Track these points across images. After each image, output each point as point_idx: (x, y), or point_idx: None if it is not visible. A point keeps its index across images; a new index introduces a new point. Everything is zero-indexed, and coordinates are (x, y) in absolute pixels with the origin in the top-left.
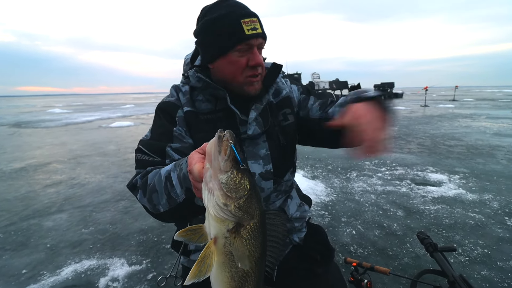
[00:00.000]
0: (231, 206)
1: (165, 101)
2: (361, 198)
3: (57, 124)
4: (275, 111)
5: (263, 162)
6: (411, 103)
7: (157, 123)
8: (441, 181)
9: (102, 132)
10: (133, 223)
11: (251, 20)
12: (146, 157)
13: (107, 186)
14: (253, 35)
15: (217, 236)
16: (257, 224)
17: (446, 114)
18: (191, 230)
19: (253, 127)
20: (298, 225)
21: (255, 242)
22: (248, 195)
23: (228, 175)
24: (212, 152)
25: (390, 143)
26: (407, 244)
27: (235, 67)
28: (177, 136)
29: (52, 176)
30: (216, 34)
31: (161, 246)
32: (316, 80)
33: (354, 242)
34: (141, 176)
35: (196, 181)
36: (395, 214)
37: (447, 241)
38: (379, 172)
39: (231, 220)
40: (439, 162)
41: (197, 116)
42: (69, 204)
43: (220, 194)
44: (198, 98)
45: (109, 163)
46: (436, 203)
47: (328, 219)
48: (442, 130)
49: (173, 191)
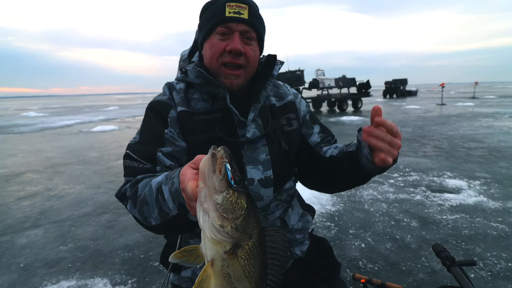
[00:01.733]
0: (228, 227)
1: (157, 100)
2: (371, 208)
3: (32, 129)
4: (278, 114)
5: (262, 168)
6: (427, 102)
7: (147, 124)
8: (460, 187)
9: (82, 138)
10: (117, 239)
11: (237, 5)
12: (136, 164)
13: (88, 198)
14: (234, 18)
15: (214, 259)
16: (255, 243)
17: (465, 113)
18: (186, 251)
19: (252, 130)
20: (299, 237)
21: (254, 262)
22: (245, 214)
23: (224, 195)
24: (206, 171)
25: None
26: (422, 258)
27: (213, 50)
28: (169, 138)
29: (26, 187)
30: (204, 18)
31: (148, 263)
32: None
33: (363, 256)
34: (130, 185)
35: (190, 200)
36: (409, 224)
37: (467, 254)
38: (391, 178)
39: (228, 242)
40: (458, 167)
41: (191, 117)
42: (45, 219)
43: (216, 215)
44: (194, 96)
45: (90, 172)
46: (454, 212)
47: (335, 231)
48: (461, 131)
49: (165, 205)
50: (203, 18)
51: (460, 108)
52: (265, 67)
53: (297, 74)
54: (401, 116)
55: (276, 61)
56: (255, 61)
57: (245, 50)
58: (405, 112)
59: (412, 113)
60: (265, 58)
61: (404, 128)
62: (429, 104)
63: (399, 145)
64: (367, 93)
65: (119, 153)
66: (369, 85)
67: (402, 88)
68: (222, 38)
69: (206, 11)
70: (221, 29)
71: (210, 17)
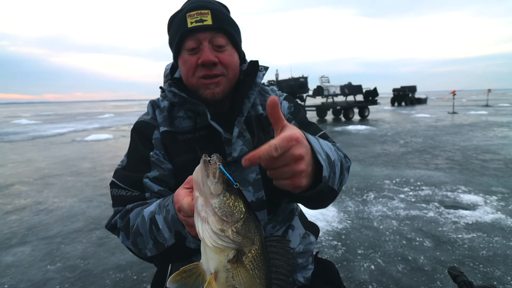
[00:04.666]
0: (229, 231)
1: (140, 121)
2: (380, 225)
3: (23, 138)
4: (266, 125)
5: (253, 189)
6: (437, 110)
7: (132, 148)
8: (476, 203)
9: (75, 147)
10: (108, 258)
11: (198, 13)
12: (124, 192)
13: (79, 212)
14: (196, 27)
15: (218, 270)
16: (258, 251)
17: (479, 123)
18: (186, 271)
19: (239, 147)
20: (302, 262)
21: (259, 273)
22: (245, 218)
23: (221, 198)
24: (199, 178)
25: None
26: (437, 281)
27: (186, 67)
28: (155, 161)
29: (15, 200)
30: (170, 34)
31: (142, 285)
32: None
33: (373, 279)
34: (120, 216)
35: (187, 217)
36: (422, 244)
37: (485, 278)
38: (402, 193)
39: (231, 247)
40: (472, 180)
41: (175, 137)
42: (33, 235)
43: (215, 219)
44: (178, 114)
45: (82, 184)
46: (470, 231)
47: (342, 251)
48: (474, 142)
49: (160, 235)
50: (170, 34)
51: (473, 116)
52: (247, 75)
53: (301, 81)
54: (410, 125)
55: (259, 67)
56: (234, 66)
57: (219, 58)
58: (415, 121)
59: (422, 122)
60: (247, 66)
61: (414, 138)
62: (439, 113)
63: (289, 171)
64: (374, 100)
65: (113, 163)
66: (376, 92)
67: (411, 95)
68: (192, 53)
69: (171, 26)
70: (188, 44)
71: (174, 32)
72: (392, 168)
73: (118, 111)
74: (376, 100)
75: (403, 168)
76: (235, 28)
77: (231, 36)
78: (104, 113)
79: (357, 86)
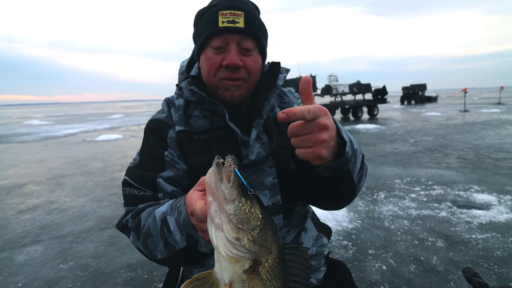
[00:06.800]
0: (245, 239)
1: (155, 119)
2: (391, 225)
3: (35, 138)
4: (285, 128)
5: (269, 193)
6: (448, 108)
7: (146, 146)
8: (489, 203)
9: (86, 147)
10: (120, 257)
11: (231, 12)
12: (136, 192)
13: (90, 212)
14: (227, 28)
15: (232, 281)
16: (276, 260)
17: (491, 121)
18: (198, 279)
19: (256, 150)
20: (315, 264)
21: (276, 284)
22: (261, 225)
23: (236, 203)
24: (213, 182)
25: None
26: (450, 282)
27: (209, 65)
28: (169, 161)
29: (27, 199)
30: (197, 28)
31: (153, 284)
32: (333, 83)
33: (385, 279)
34: (132, 216)
35: (200, 222)
36: (434, 244)
37: (501, 279)
38: (413, 192)
39: (247, 257)
40: (486, 180)
41: (191, 137)
42: (46, 234)
43: (230, 227)
44: (194, 113)
45: (93, 183)
46: (484, 231)
47: (352, 251)
48: (487, 140)
49: (171, 237)
50: (197, 28)
51: (485, 115)
52: (268, 76)
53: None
54: (420, 123)
55: (281, 69)
56: (257, 72)
57: (244, 62)
58: (425, 120)
59: (432, 120)
60: (268, 66)
61: (425, 137)
62: (450, 111)
63: (312, 139)
64: (384, 99)
65: (123, 163)
66: (385, 91)
67: (421, 93)
68: (218, 51)
69: (199, 20)
70: (215, 42)
71: (203, 27)
72: (403, 167)
73: (127, 112)
74: (386, 98)
75: (413, 167)
76: (264, 32)
77: (259, 41)
78: (113, 114)
79: (366, 85)
